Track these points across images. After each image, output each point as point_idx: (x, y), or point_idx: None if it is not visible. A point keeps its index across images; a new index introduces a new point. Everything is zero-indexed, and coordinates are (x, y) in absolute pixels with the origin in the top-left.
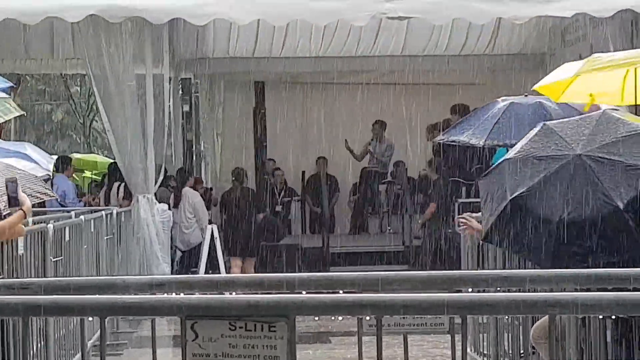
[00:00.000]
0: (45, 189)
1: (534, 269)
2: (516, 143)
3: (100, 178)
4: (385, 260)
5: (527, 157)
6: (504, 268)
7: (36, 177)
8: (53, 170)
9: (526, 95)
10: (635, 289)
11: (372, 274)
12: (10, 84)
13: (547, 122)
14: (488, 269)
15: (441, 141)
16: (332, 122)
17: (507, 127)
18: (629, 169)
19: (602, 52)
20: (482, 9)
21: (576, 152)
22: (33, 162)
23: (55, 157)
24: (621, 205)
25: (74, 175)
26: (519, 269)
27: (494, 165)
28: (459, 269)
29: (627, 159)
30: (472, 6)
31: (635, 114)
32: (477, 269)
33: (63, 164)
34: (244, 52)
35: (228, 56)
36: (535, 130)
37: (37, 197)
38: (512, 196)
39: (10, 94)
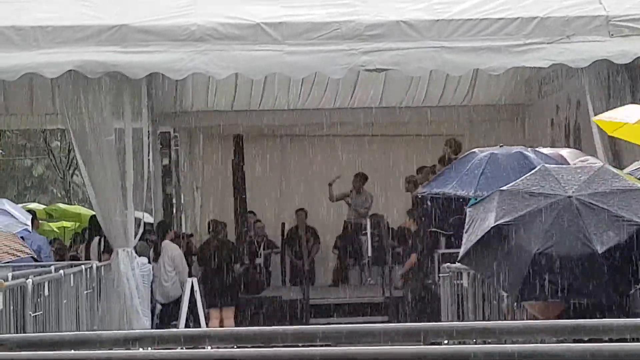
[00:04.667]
0: (23, 246)
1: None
2: None
3: (80, 230)
4: (366, 311)
5: (519, 191)
6: (483, 318)
7: (13, 234)
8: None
9: (501, 146)
10: (611, 340)
11: (348, 327)
12: None
13: (546, 165)
14: (468, 319)
15: (423, 194)
16: (311, 174)
17: (494, 178)
18: (615, 218)
19: (579, 102)
20: (459, 60)
21: (568, 194)
22: (11, 218)
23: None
24: (599, 250)
25: (50, 226)
26: (499, 318)
27: (485, 195)
28: (440, 319)
29: (616, 209)
30: (448, 58)
31: None
32: (457, 320)
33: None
34: (222, 106)
35: (207, 109)
36: (534, 170)
37: (14, 255)
38: (495, 223)
39: None
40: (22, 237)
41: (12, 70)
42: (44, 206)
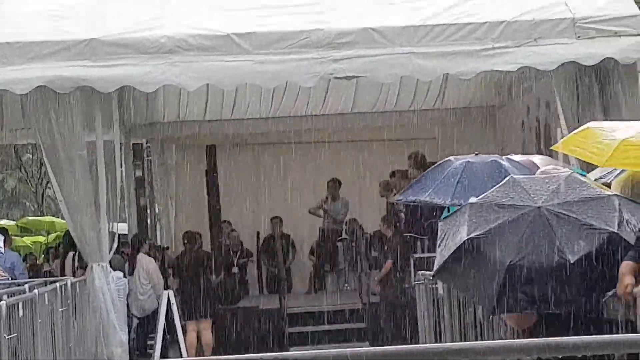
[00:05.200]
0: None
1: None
2: None
3: (55, 244)
4: (344, 318)
5: (490, 203)
6: (460, 325)
7: None
8: None
9: (476, 154)
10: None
11: (325, 352)
12: None
13: (515, 176)
14: (444, 324)
15: (399, 202)
16: (285, 181)
17: (470, 186)
18: (585, 227)
19: (548, 103)
20: (429, 66)
21: (537, 204)
22: None
23: None
24: (571, 259)
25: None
26: (475, 325)
27: (456, 209)
28: (416, 324)
29: (585, 218)
30: (418, 63)
31: None
32: (433, 323)
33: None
34: (194, 116)
35: (179, 120)
36: (503, 182)
37: None
38: (468, 237)
39: None
40: None
41: None
42: (15, 222)
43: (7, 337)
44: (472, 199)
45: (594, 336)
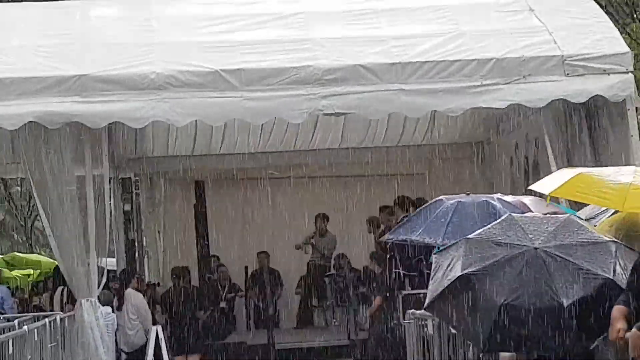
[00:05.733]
0: None
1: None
2: None
3: (42, 279)
4: (332, 354)
5: (486, 239)
6: (449, 356)
7: None
8: None
9: (467, 194)
10: None
11: None
12: None
13: (513, 214)
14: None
15: (389, 240)
16: (273, 216)
17: (461, 226)
18: (581, 272)
19: (536, 139)
20: (417, 103)
21: (534, 245)
22: None
23: None
24: (565, 303)
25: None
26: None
27: (451, 243)
28: None
29: (582, 262)
30: (406, 100)
31: None
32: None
33: None
34: (183, 151)
35: (167, 155)
36: (500, 219)
37: None
38: (462, 272)
39: None
40: None
41: None
42: (1, 255)
43: None
44: (469, 235)
45: None
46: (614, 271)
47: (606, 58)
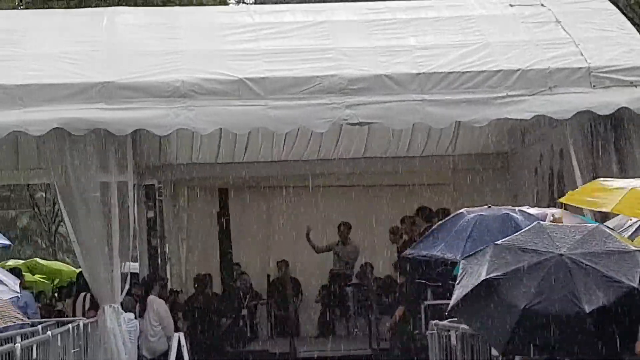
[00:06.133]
0: (17, 313)
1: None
2: None
3: (65, 283)
4: None
5: (513, 246)
6: None
7: (5, 301)
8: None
9: (489, 207)
10: None
11: None
12: None
13: (542, 222)
14: None
15: (410, 255)
16: (296, 225)
17: (481, 241)
18: (605, 279)
19: (562, 150)
20: (441, 113)
21: (560, 252)
22: (1, 285)
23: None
24: (587, 309)
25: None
26: None
27: (479, 249)
28: None
29: (607, 270)
30: (431, 111)
31: None
32: None
33: (13, 274)
34: (207, 158)
35: (191, 162)
36: (529, 227)
37: (10, 321)
38: (486, 277)
39: None
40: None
41: None
42: (23, 261)
43: None
44: (497, 241)
45: None
46: None
47: (633, 70)
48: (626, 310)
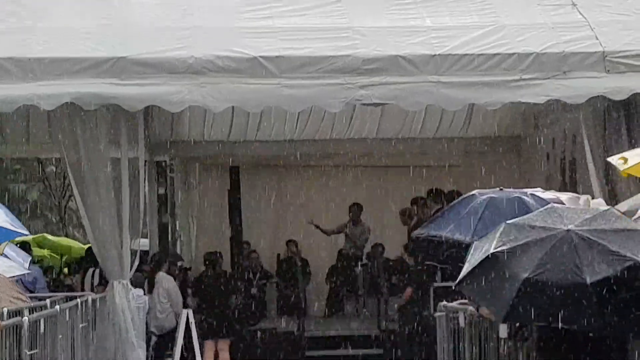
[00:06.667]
0: (19, 293)
1: None
2: None
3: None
4: (362, 344)
5: (523, 224)
6: (479, 350)
7: (11, 280)
8: None
9: (501, 189)
10: None
11: None
12: None
13: (555, 204)
14: (464, 355)
15: (420, 236)
16: (307, 204)
17: (491, 222)
18: (611, 253)
19: (575, 136)
20: (455, 95)
21: (567, 227)
22: (10, 262)
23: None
24: (588, 280)
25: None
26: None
27: (493, 229)
28: (435, 353)
29: (613, 245)
30: (444, 93)
31: None
32: (452, 355)
33: (23, 250)
34: (219, 136)
35: (203, 140)
36: (542, 208)
37: (12, 303)
38: (492, 251)
39: None
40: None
41: (9, 101)
42: (32, 235)
43: (28, 353)
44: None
45: None
46: None
47: None
48: (629, 283)
